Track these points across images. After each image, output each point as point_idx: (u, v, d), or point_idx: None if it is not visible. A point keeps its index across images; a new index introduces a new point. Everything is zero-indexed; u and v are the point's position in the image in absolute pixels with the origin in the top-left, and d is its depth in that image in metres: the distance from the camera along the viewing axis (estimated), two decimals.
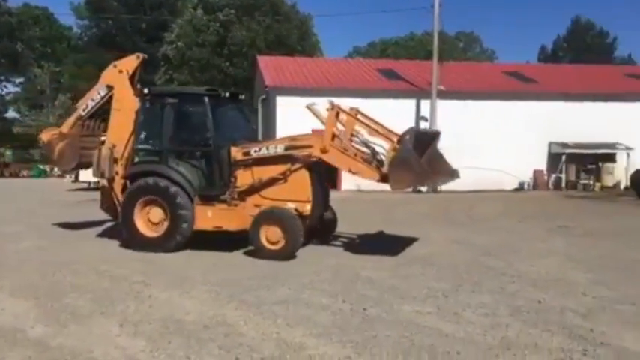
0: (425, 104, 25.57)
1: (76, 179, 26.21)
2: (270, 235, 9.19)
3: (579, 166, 26.41)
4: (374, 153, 9.50)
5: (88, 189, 23.67)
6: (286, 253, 9.11)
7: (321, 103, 9.90)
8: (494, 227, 13.16)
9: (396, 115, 24.99)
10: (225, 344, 5.21)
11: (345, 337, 5.40)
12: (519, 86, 27.81)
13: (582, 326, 5.76)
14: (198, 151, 10.10)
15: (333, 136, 9.45)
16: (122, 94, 10.68)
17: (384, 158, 9.30)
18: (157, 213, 9.79)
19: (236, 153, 9.76)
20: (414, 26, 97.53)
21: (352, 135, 9.57)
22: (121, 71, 10.83)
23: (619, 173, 26.13)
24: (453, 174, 10.14)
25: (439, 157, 10.00)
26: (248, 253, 9.50)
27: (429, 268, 8.52)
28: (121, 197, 10.25)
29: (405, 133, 9.20)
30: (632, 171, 23.71)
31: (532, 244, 10.83)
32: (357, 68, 30.91)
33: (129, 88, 10.70)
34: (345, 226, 11.61)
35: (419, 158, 9.04)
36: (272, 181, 9.62)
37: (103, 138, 11.12)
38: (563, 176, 26.37)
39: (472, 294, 7.01)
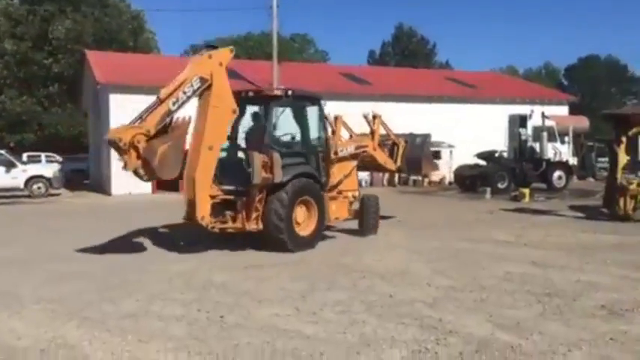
0: None
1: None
2: (373, 219, 11.70)
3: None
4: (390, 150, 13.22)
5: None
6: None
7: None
8: (341, 223, 13.50)
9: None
10: None
11: (205, 348, 5.12)
12: (355, 87, 29.05)
13: (432, 316, 6.05)
14: (321, 151, 10.75)
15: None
16: (223, 90, 9.51)
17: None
18: (301, 213, 10.11)
19: (332, 152, 11.02)
20: (252, 26, 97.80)
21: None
22: (220, 64, 9.54)
23: (444, 169, 28.40)
24: (435, 167, 14.73)
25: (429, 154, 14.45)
26: (85, 262, 8.72)
27: (281, 269, 8.47)
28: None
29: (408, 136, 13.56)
30: (454, 167, 25.93)
31: (376, 239, 11.27)
32: None
33: (228, 85, 9.65)
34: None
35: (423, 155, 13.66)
36: (345, 175, 11.50)
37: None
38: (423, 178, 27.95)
39: (327, 292, 7.07)
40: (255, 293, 7.04)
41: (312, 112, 10.78)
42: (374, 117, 12.81)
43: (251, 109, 10.72)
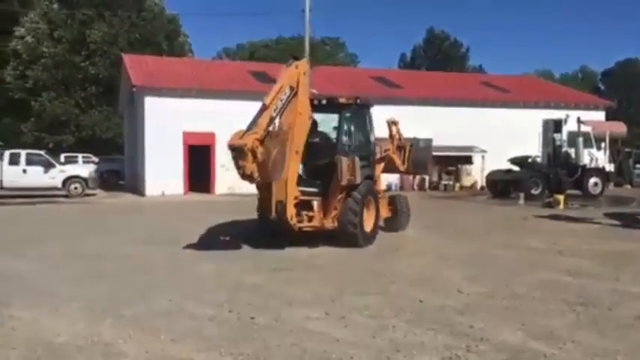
0: None
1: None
2: (406, 216, 12.84)
3: (441, 167, 28.09)
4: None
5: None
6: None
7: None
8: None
9: None
10: None
11: (235, 349, 5.18)
12: (386, 91, 28.99)
13: (462, 323, 6.01)
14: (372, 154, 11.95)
15: None
16: (305, 98, 10.19)
17: None
18: (365, 211, 10.87)
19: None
20: (282, 30, 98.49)
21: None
22: (304, 74, 10.29)
23: (476, 174, 28.15)
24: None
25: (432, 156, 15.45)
26: (119, 260, 8.91)
27: (311, 272, 8.51)
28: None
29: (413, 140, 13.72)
30: (486, 172, 25.66)
31: (407, 245, 11.24)
32: (229, 70, 30.54)
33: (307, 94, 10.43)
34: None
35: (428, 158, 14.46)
36: (378, 176, 12.46)
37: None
38: (426, 177, 27.85)
39: (357, 296, 7.08)
40: (285, 295, 7.09)
41: (368, 117, 11.87)
42: (393, 123, 13.46)
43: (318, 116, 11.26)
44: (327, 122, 11.55)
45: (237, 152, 9.00)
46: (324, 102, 11.17)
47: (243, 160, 8.93)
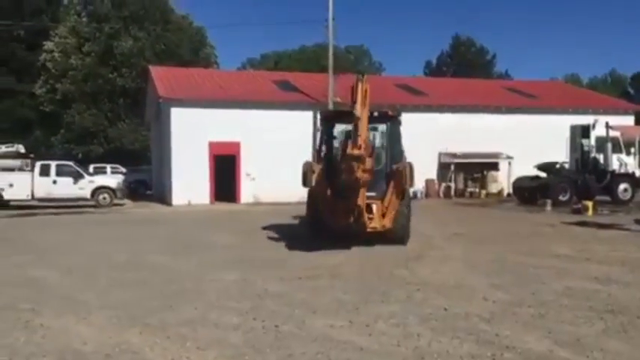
0: None
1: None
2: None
3: (467, 174, 27.90)
4: None
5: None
6: None
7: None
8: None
9: (293, 126, 25.42)
10: None
11: (260, 357, 5.22)
12: (410, 99, 28.91)
13: (488, 331, 5.96)
14: None
15: None
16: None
17: None
18: None
19: None
20: (306, 39, 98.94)
21: None
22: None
23: (502, 181, 27.85)
24: None
25: None
26: (145, 269, 9.04)
27: (335, 280, 8.53)
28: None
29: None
30: (513, 178, 25.37)
31: (431, 252, 11.18)
32: (253, 80, 30.81)
33: None
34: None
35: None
36: None
37: None
38: (452, 184, 27.68)
39: (381, 304, 7.07)
40: (309, 304, 7.12)
41: (400, 127, 12.86)
42: None
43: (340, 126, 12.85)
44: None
45: (355, 160, 9.71)
46: (375, 114, 11.94)
47: (359, 168, 9.75)
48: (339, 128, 13.02)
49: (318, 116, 14.53)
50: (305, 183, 11.84)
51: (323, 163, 12.11)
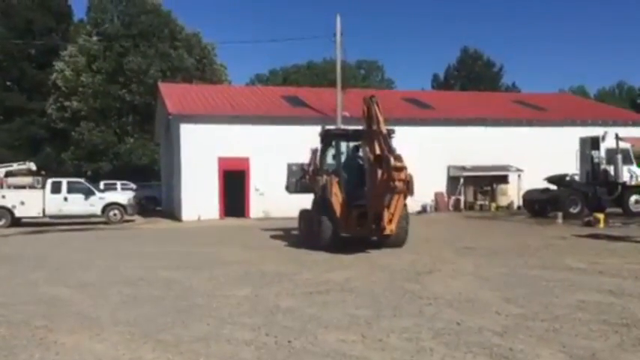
0: None
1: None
2: None
3: (476, 187, 27.83)
4: None
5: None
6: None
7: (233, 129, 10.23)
8: (404, 250, 13.43)
9: (302, 140, 25.46)
10: None
11: None
12: (418, 112, 28.97)
13: (501, 345, 5.92)
14: None
15: None
16: None
17: None
18: None
19: None
20: (314, 54, 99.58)
21: None
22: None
23: (512, 193, 27.76)
24: None
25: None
26: (157, 286, 9.06)
27: (347, 295, 8.51)
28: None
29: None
30: (522, 191, 25.28)
31: (442, 266, 11.14)
32: (262, 95, 30.98)
33: None
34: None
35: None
36: None
37: None
38: (462, 198, 27.62)
39: (393, 319, 7.05)
40: (321, 319, 7.10)
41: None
42: None
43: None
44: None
45: (397, 171, 11.12)
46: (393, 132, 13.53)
47: (402, 178, 11.16)
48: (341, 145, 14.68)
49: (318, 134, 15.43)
50: (288, 187, 14.74)
51: (339, 176, 13.59)
